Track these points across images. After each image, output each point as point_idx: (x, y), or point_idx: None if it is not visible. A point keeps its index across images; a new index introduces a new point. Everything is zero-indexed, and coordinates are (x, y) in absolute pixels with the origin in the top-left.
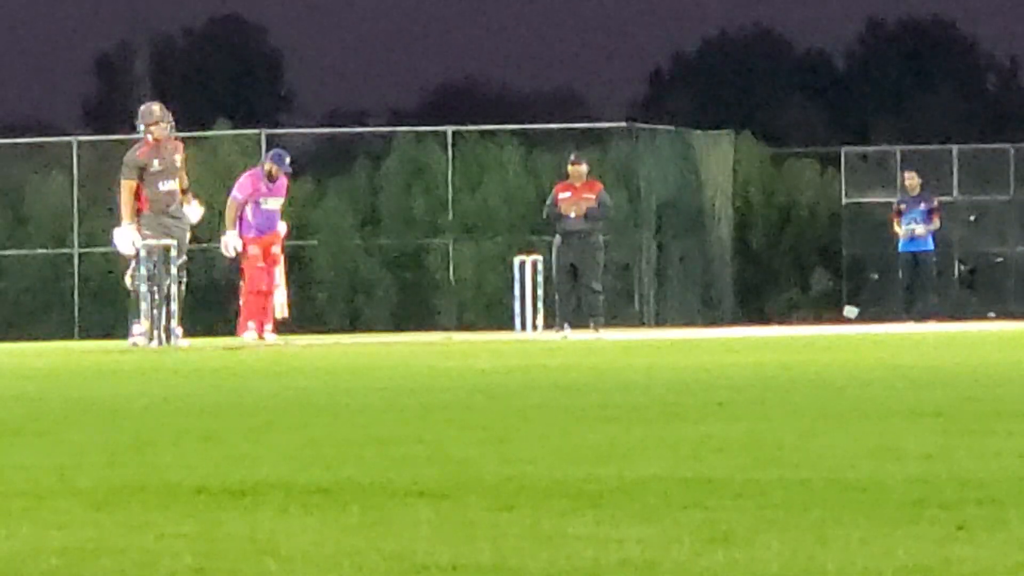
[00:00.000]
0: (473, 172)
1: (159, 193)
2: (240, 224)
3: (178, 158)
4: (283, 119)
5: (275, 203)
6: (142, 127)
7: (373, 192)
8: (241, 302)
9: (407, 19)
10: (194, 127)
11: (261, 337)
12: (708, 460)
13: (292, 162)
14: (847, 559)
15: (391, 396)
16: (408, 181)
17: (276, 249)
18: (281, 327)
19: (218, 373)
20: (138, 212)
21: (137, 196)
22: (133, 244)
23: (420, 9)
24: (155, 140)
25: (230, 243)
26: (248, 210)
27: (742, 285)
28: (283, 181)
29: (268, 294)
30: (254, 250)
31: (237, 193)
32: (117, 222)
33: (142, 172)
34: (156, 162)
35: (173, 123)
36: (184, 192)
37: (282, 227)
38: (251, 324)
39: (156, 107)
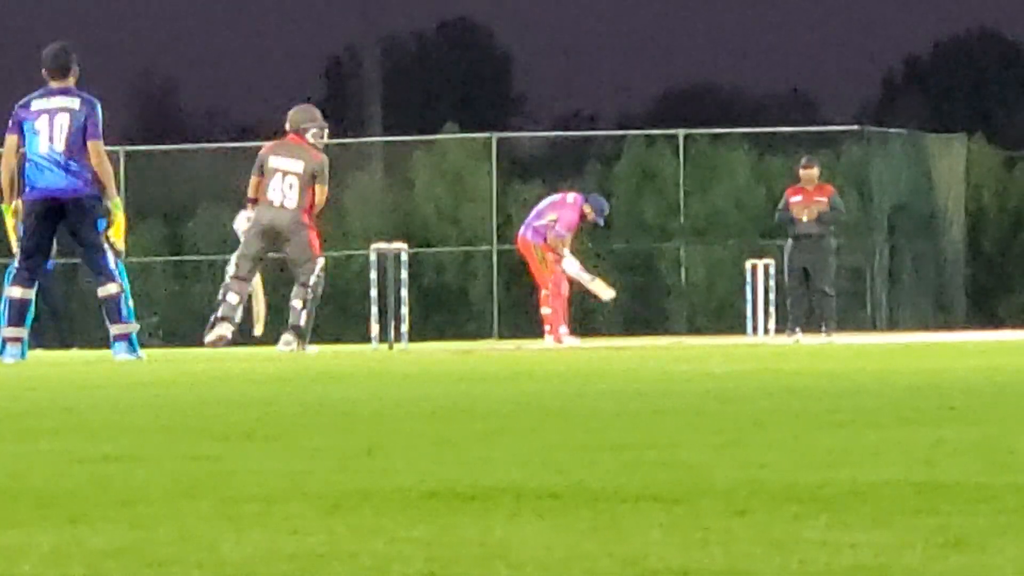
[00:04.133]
0: (704, 176)
1: None
2: (528, 230)
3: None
4: (513, 122)
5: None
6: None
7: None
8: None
9: (638, 21)
10: (423, 131)
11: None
12: (941, 465)
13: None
14: None
15: (623, 400)
16: (639, 185)
17: None
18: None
19: (450, 377)
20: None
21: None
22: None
23: (651, 12)
24: None
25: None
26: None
27: (975, 288)
28: None
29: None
30: (552, 257)
31: (563, 231)
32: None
33: None
34: None
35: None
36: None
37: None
38: (563, 328)
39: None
